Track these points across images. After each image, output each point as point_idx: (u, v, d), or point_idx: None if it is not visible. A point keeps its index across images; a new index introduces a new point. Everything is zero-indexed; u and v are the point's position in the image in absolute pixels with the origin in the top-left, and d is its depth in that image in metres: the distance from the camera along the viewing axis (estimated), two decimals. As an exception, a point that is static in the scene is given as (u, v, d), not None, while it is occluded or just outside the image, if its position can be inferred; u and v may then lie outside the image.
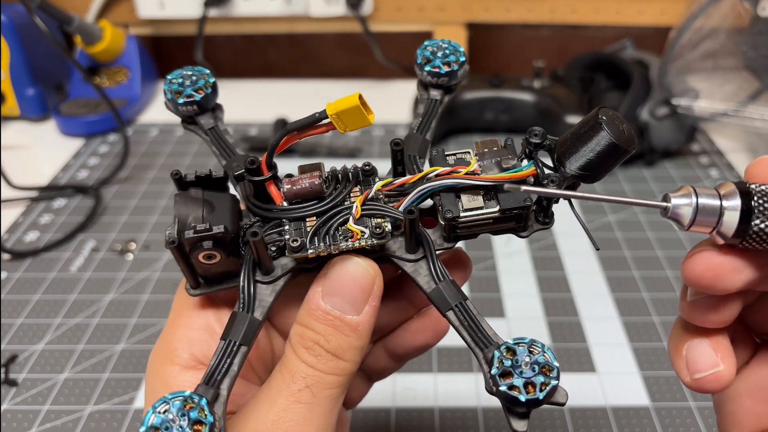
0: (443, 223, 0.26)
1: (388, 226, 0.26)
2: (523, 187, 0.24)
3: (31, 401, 0.46)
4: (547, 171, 0.26)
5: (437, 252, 0.27)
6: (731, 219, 0.22)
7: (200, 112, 0.30)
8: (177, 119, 0.31)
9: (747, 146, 0.78)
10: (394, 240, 0.27)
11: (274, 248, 0.27)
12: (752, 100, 0.71)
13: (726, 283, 0.23)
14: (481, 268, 0.59)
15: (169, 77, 0.30)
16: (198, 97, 0.30)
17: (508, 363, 0.22)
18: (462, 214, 0.26)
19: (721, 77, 0.74)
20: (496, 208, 0.26)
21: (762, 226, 0.22)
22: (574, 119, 0.75)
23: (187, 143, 0.80)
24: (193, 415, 0.21)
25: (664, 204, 0.23)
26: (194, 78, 0.30)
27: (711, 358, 0.25)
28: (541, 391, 0.21)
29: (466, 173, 0.26)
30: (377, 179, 0.28)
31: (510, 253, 0.60)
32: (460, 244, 0.28)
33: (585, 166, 0.25)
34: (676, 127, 0.72)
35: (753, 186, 0.22)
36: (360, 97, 0.25)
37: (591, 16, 0.93)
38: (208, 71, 0.30)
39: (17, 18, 0.80)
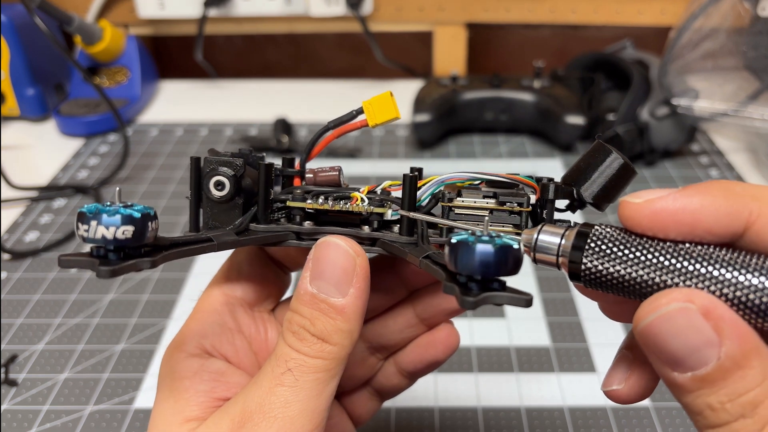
0: (441, 206, 0.28)
1: (389, 210, 0.28)
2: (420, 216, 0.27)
3: (31, 401, 0.46)
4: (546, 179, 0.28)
5: (431, 238, 0.28)
6: (564, 257, 0.23)
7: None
8: (176, 119, 0.32)
9: (747, 146, 0.78)
10: (389, 230, 0.28)
11: (280, 209, 0.29)
12: (752, 100, 0.71)
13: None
14: (481, 268, 0.58)
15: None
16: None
17: (467, 233, 0.22)
18: (458, 199, 0.28)
19: (721, 77, 0.74)
20: (493, 201, 0.28)
21: (590, 265, 0.23)
22: (574, 119, 0.75)
23: (187, 143, 0.80)
24: (137, 207, 0.22)
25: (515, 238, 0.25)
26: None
27: (618, 376, 0.26)
28: (494, 246, 0.21)
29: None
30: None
31: (510, 253, 0.60)
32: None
33: (599, 190, 0.26)
34: (676, 127, 0.72)
35: (597, 228, 0.23)
36: (391, 93, 0.29)
37: (591, 16, 0.93)
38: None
39: (17, 18, 0.80)
